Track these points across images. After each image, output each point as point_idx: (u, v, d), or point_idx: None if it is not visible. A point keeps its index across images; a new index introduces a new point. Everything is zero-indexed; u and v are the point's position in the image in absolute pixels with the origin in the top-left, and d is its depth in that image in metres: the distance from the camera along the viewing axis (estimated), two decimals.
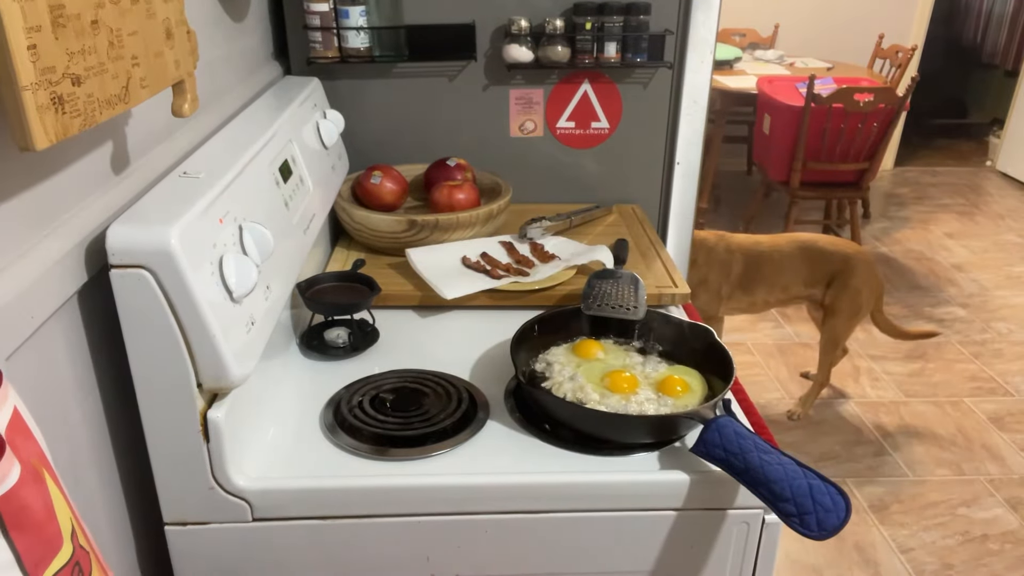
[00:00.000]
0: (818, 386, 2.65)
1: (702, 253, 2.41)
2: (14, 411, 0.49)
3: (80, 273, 0.78)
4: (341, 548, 0.93)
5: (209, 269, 0.81)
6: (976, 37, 5.89)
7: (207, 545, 0.93)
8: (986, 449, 2.52)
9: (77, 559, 0.52)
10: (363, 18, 1.46)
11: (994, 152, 5.39)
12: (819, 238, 2.52)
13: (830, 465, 2.44)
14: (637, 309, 1.14)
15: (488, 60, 1.56)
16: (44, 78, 0.60)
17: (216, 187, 0.87)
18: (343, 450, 0.95)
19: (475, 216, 1.40)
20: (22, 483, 0.47)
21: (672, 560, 0.96)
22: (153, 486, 0.89)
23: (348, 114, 1.55)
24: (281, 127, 1.16)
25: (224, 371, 0.82)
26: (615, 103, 1.61)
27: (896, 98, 3.35)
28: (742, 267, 2.45)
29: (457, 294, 1.24)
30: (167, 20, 0.83)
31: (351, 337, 1.17)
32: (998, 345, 3.13)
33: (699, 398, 1.02)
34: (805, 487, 0.83)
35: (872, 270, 2.48)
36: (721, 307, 2.50)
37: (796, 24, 4.87)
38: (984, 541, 2.15)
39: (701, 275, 2.42)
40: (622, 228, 1.56)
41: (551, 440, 0.98)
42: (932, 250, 4.03)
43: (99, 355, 0.84)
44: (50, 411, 0.75)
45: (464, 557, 0.95)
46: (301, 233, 1.12)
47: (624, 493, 0.92)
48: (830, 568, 2.05)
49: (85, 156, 0.82)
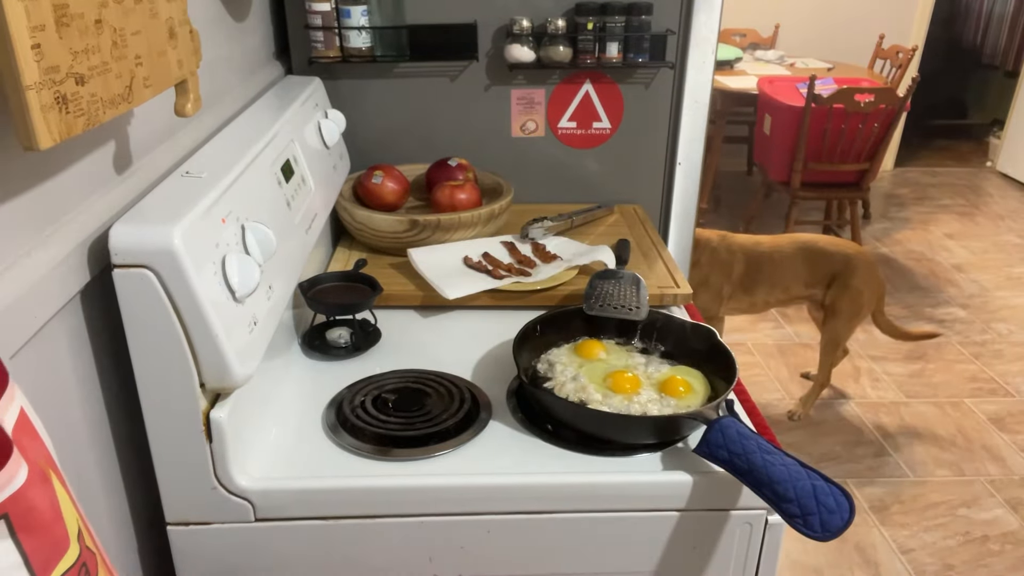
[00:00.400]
0: (819, 386, 2.65)
1: (705, 253, 2.42)
2: (21, 412, 0.49)
3: (83, 273, 0.78)
4: (343, 548, 0.93)
5: (212, 269, 0.81)
6: (976, 38, 5.89)
7: (209, 545, 0.93)
8: (986, 450, 2.52)
9: (84, 560, 0.51)
10: (365, 18, 1.46)
11: (994, 153, 5.39)
12: (819, 238, 2.52)
13: (831, 466, 2.44)
14: (639, 309, 1.14)
15: (490, 60, 1.55)
16: (48, 77, 0.60)
17: (218, 187, 0.87)
18: (345, 450, 0.95)
19: (477, 216, 1.40)
20: (29, 484, 0.47)
21: (675, 561, 0.96)
22: (155, 486, 0.89)
23: (350, 114, 1.55)
24: (283, 127, 1.16)
25: (227, 371, 0.82)
26: (617, 103, 1.61)
27: (896, 99, 3.35)
28: (743, 267, 2.45)
29: (459, 294, 1.24)
30: (170, 20, 0.83)
31: (353, 337, 1.17)
32: (998, 346, 3.13)
33: (701, 399, 1.02)
34: (809, 488, 0.83)
35: (873, 270, 2.48)
36: (722, 307, 2.50)
37: (796, 24, 4.87)
38: (985, 542, 2.15)
39: (703, 274, 2.42)
40: (624, 228, 1.56)
41: (553, 440, 0.97)
42: (932, 251, 4.03)
43: (102, 355, 0.84)
44: (53, 411, 0.75)
45: (466, 557, 0.94)
46: (303, 233, 1.12)
47: (627, 494, 0.92)
48: (831, 569, 2.05)
49: (88, 156, 0.82)
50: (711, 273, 2.43)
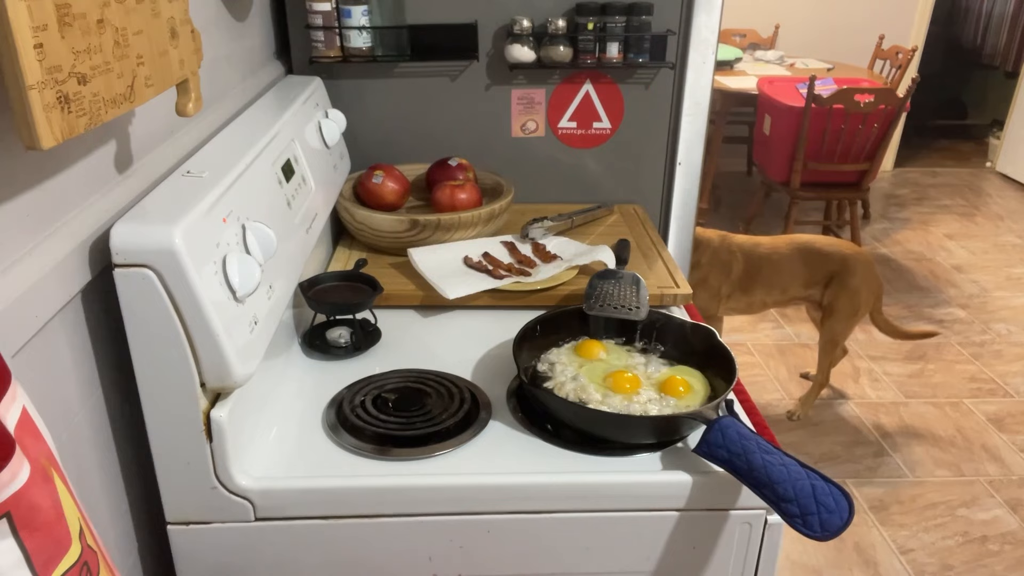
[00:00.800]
0: (818, 386, 2.66)
1: (705, 252, 2.42)
2: (23, 411, 0.49)
3: (84, 272, 0.78)
4: (343, 548, 0.93)
5: (212, 268, 0.81)
6: (976, 38, 5.89)
7: (209, 545, 0.93)
8: (986, 450, 2.52)
9: (85, 559, 0.52)
10: (365, 18, 1.46)
11: (994, 153, 5.39)
12: (817, 239, 2.53)
13: (830, 466, 2.44)
14: (639, 309, 1.14)
15: (490, 60, 1.56)
16: (50, 77, 0.60)
17: (219, 186, 0.87)
18: (345, 450, 0.95)
19: (477, 216, 1.40)
20: (31, 483, 0.47)
21: (674, 561, 0.96)
22: (156, 485, 0.89)
23: (350, 114, 1.55)
24: (283, 126, 1.16)
25: (227, 370, 0.82)
26: (617, 103, 1.61)
27: (896, 99, 3.35)
28: (743, 267, 2.45)
29: (459, 294, 1.24)
30: (172, 19, 0.83)
31: (353, 337, 1.17)
32: (998, 346, 3.14)
33: (701, 398, 1.02)
34: (808, 488, 0.83)
35: (871, 270, 2.48)
36: (721, 306, 2.51)
37: (796, 25, 4.88)
38: (984, 542, 2.15)
39: (702, 274, 2.43)
40: (624, 228, 1.56)
41: (553, 440, 0.98)
42: (932, 251, 4.04)
43: (102, 354, 0.84)
44: (53, 410, 0.75)
45: (466, 557, 0.95)
46: (303, 233, 1.12)
47: (626, 493, 0.92)
48: (830, 569, 2.05)
49: (89, 155, 0.82)
50: (711, 273, 2.44)
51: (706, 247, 2.42)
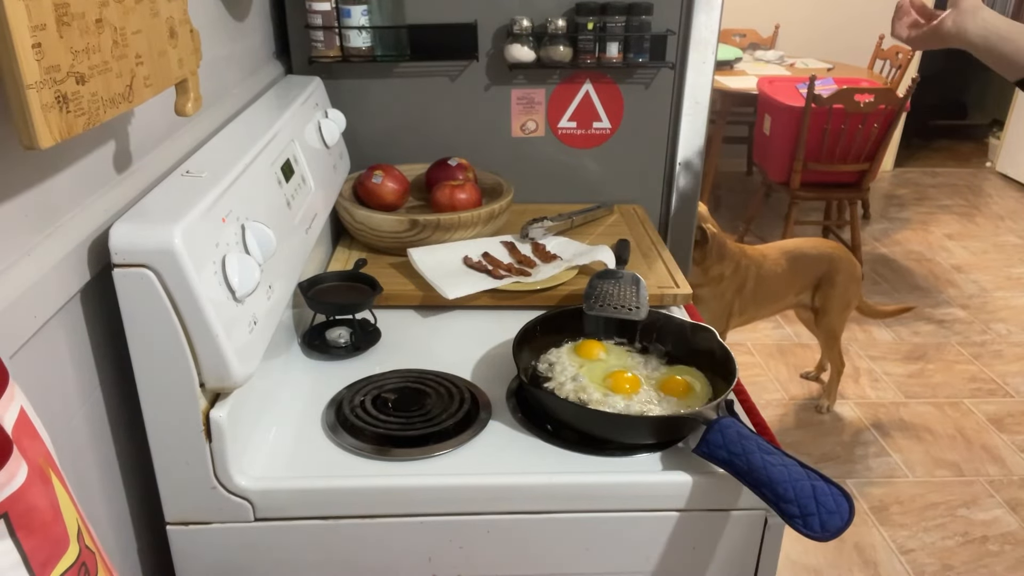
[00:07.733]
0: (837, 374, 2.69)
1: (730, 266, 2.35)
2: (20, 411, 0.49)
3: (83, 272, 0.78)
4: (343, 548, 0.93)
5: (212, 268, 0.81)
6: None
7: (209, 545, 0.93)
8: (986, 450, 2.52)
9: (83, 560, 0.51)
10: (365, 17, 1.46)
11: (994, 153, 5.39)
12: (801, 244, 2.55)
13: (830, 466, 2.44)
14: (639, 309, 1.14)
15: (490, 60, 1.55)
16: (49, 77, 0.60)
17: (219, 186, 0.87)
18: (345, 450, 0.95)
19: (477, 216, 1.40)
20: (29, 484, 0.46)
21: (674, 561, 0.96)
22: (155, 486, 0.89)
23: (350, 113, 1.55)
24: (283, 126, 1.16)
25: (226, 371, 0.82)
26: (617, 103, 1.61)
27: (896, 99, 3.35)
28: (754, 283, 2.43)
29: (459, 294, 1.24)
30: (171, 19, 0.83)
31: (353, 337, 1.17)
32: (998, 346, 3.14)
33: (701, 399, 1.02)
34: (808, 488, 0.83)
35: (853, 263, 2.54)
36: (730, 323, 2.47)
37: (796, 25, 4.87)
38: (984, 542, 2.15)
39: (721, 288, 2.35)
40: (624, 228, 1.56)
41: (553, 440, 0.97)
42: (932, 251, 4.03)
43: (101, 355, 0.84)
44: (53, 410, 0.75)
45: (466, 557, 0.94)
46: (303, 233, 1.12)
47: (626, 494, 0.92)
48: (830, 569, 2.05)
49: (88, 155, 0.82)
50: (729, 288, 2.39)
51: (730, 260, 2.35)
